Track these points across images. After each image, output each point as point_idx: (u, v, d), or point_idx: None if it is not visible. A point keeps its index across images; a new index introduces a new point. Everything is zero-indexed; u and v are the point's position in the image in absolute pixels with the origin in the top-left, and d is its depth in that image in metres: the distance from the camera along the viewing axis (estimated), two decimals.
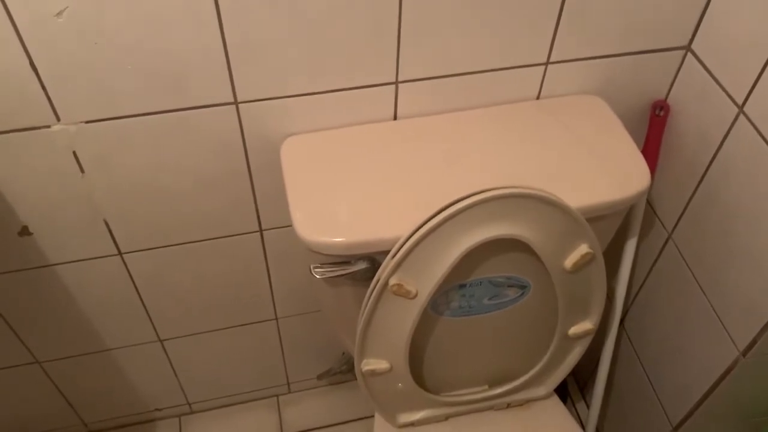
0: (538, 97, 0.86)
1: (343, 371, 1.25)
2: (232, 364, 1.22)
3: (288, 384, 1.32)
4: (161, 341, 1.11)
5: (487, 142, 0.81)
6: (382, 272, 0.72)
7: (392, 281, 0.71)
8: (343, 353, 1.23)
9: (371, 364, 0.81)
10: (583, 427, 1.16)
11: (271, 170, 0.84)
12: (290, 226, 0.86)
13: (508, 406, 0.96)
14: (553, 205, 0.70)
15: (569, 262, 0.75)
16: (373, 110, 0.82)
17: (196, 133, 0.79)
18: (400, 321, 0.76)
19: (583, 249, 0.74)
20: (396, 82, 0.79)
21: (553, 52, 0.81)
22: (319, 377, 1.28)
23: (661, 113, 0.90)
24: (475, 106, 0.84)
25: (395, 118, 0.84)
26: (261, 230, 0.95)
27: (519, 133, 0.82)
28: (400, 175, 0.77)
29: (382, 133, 0.82)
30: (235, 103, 0.77)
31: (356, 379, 1.30)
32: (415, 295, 0.73)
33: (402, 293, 0.72)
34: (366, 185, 0.76)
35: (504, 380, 0.92)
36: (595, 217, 0.75)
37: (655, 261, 1.00)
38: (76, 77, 0.70)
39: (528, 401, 0.96)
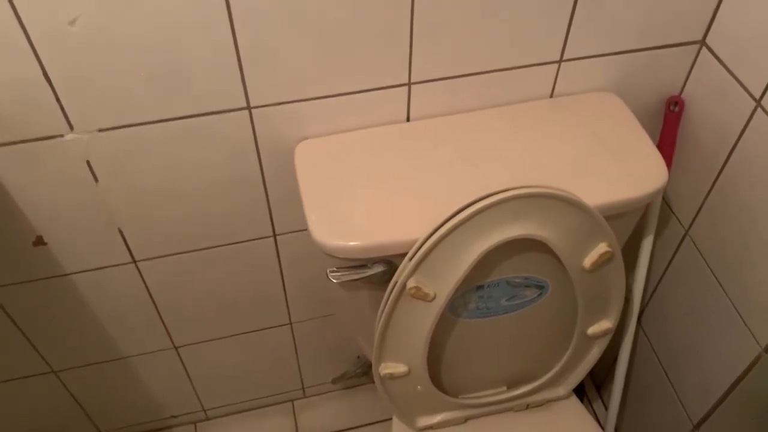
0: (552, 95, 0.85)
1: (358, 374, 1.24)
2: (247, 370, 1.22)
3: (303, 388, 1.31)
4: (176, 348, 1.11)
5: (501, 142, 0.80)
6: (399, 275, 0.71)
7: (410, 284, 0.71)
8: (358, 356, 1.22)
9: (389, 367, 0.81)
10: (602, 426, 1.15)
11: (284, 175, 0.84)
12: (304, 230, 0.86)
13: (528, 407, 0.95)
14: (572, 205, 0.69)
15: (588, 261, 0.74)
16: (386, 112, 0.81)
17: (210, 139, 0.78)
18: (418, 324, 0.75)
19: (602, 248, 0.74)
20: (409, 84, 0.79)
21: (567, 49, 0.80)
22: (335, 381, 1.27)
23: (676, 109, 0.89)
24: (489, 106, 0.84)
25: (408, 119, 0.83)
26: (275, 235, 0.95)
27: (534, 132, 0.81)
28: (415, 177, 0.76)
29: (396, 135, 0.82)
30: (248, 108, 0.76)
31: (372, 382, 1.31)
32: (433, 298, 0.73)
33: (420, 296, 0.72)
34: (381, 187, 0.76)
35: (523, 381, 0.92)
36: (613, 215, 0.75)
37: (672, 258, 0.99)
38: (89, 86, 0.70)
39: (547, 401, 0.95)
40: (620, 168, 0.77)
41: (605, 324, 0.84)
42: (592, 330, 0.83)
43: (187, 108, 0.74)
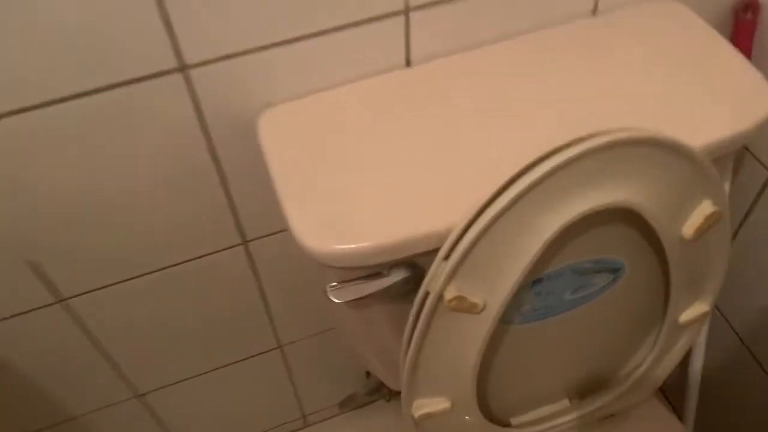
0: (594, 11, 0.63)
1: (369, 394, 1.03)
2: (235, 405, 1.00)
3: (304, 417, 1.09)
4: (141, 396, 0.88)
5: (540, 82, 0.58)
6: (432, 283, 0.49)
7: (449, 294, 0.49)
8: (368, 374, 1.01)
9: (426, 405, 0.59)
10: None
11: (247, 158, 0.61)
12: (282, 231, 0.65)
13: (598, 419, 0.75)
14: (671, 151, 0.48)
15: (690, 227, 0.53)
16: (378, 55, 0.58)
17: (135, 118, 0.55)
18: (464, 344, 0.54)
19: (706, 208, 0.52)
20: (405, 11, 0.56)
21: None
22: (342, 405, 1.06)
23: (749, 16, 0.68)
24: (516, 34, 0.62)
25: (408, 64, 0.60)
26: (245, 242, 0.72)
27: (580, 63, 0.59)
28: (430, 142, 0.54)
29: (395, 87, 0.59)
30: (182, 68, 0.53)
31: (384, 400, 1.10)
32: (482, 309, 0.51)
33: (464, 308, 0.50)
34: (385, 162, 0.53)
35: (593, 391, 0.71)
36: None
37: (751, 208, 0.78)
38: None
39: (621, 410, 0.75)
40: (710, 97, 0.56)
41: (700, 307, 0.63)
42: (685, 317, 0.63)
43: (95, 78, 0.51)
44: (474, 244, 0.47)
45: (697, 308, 0.63)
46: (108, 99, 0.52)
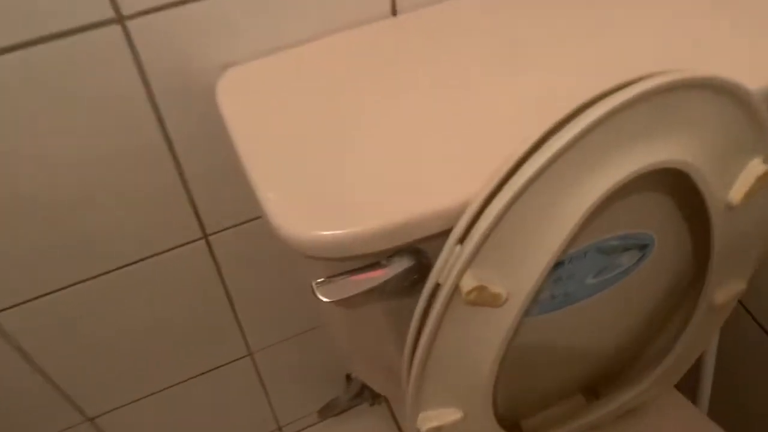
0: None
1: (351, 399, 0.93)
2: (202, 422, 0.89)
3: (279, 429, 0.99)
4: (91, 420, 0.77)
5: (553, 23, 0.50)
6: (444, 273, 0.40)
7: (467, 284, 0.40)
8: (348, 377, 0.91)
9: (435, 418, 0.50)
10: None
11: (205, 132, 0.51)
12: (251, 221, 0.55)
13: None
14: (729, 97, 0.39)
15: (738, 191, 0.45)
16: (359, 2, 0.49)
17: (65, 84, 0.44)
18: (480, 344, 0.45)
19: (757, 167, 0.44)
20: None
21: None
22: (322, 413, 0.96)
23: None
24: None
25: (394, 12, 0.51)
26: (205, 235, 0.61)
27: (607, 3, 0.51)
28: (431, 104, 0.45)
29: (381, 39, 0.50)
30: (120, 19, 0.42)
31: (368, 404, 1.00)
32: (505, 300, 0.42)
33: (485, 301, 0.41)
34: (378, 129, 0.44)
35: (612, 387, 0.63)
36: None
37: None
38: None
39: (640, 406, 0.67)
40: (754, 37, 0.48)
41: (737, 285, 0.55)
42: (721, 296, 0.55)
43: (12, 32, 0.40)
44: (497, 222, 0.38)
45: (734, 286, 0.55)
46: (29, 59, 0.42)
